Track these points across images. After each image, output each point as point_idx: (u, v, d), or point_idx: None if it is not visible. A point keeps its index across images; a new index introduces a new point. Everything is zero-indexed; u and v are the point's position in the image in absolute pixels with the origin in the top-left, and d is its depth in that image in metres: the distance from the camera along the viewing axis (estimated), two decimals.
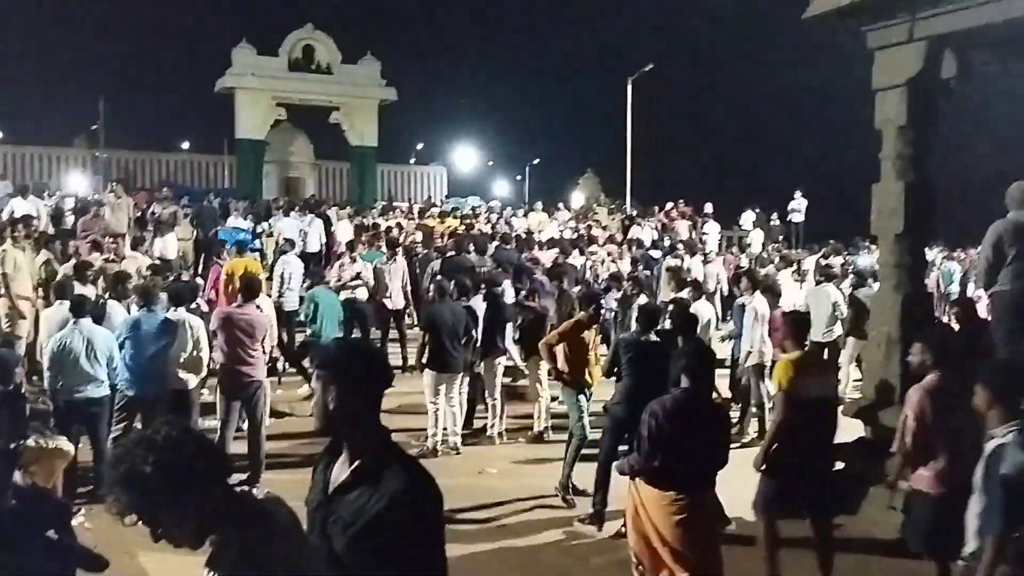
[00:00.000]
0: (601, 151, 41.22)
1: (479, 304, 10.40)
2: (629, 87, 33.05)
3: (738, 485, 6.10)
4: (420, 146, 53.23)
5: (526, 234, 19.48)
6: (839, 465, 6.95)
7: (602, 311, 8.92)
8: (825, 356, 13.41)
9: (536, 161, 57.27)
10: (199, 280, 13.57)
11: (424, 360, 9.61)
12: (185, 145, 44.92)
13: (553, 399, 10.26)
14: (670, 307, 9.63)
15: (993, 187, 7.73)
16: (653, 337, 7.63)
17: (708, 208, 24.22)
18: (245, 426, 8.56)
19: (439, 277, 11.52)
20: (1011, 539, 4.00)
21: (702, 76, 58.42)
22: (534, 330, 10.41)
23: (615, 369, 7.70)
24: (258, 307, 8.88)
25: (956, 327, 8.46)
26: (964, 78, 7.75)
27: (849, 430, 7.88)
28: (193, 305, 9.63)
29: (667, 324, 8.96)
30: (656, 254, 18.47)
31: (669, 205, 25.38)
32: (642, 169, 33.97)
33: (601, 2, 73.27)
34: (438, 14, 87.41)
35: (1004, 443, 4.21)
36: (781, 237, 24.35)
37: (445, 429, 9.55)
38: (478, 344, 10.14)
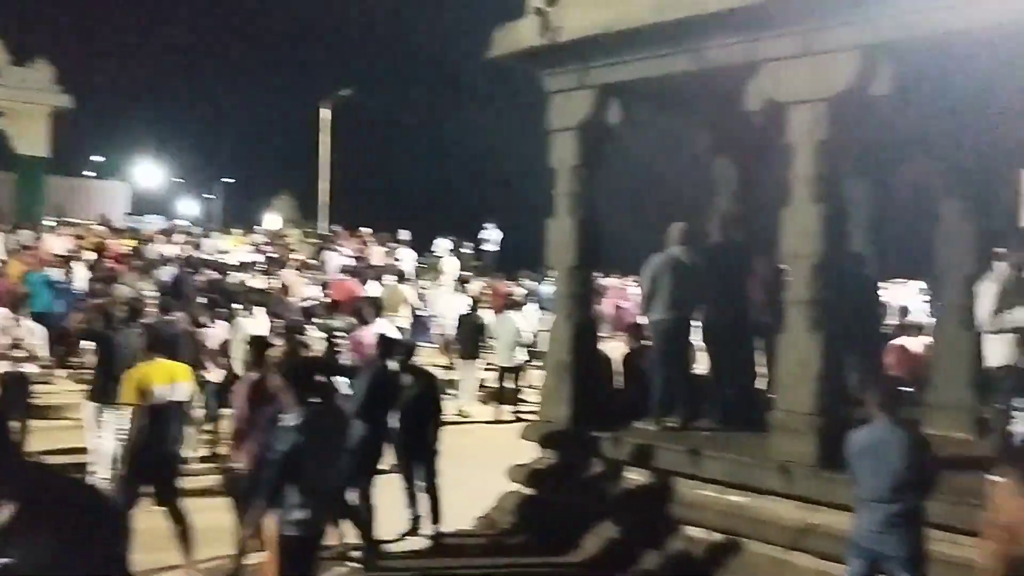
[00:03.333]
0: (299, 173, 40.43)
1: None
2: (322, 110, 32.93)
3: None
4: (101, 159, 49.38)
5: (219, 255, 18.68)
6: None
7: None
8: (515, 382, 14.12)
9: (231, 180, 55.03)
10: None
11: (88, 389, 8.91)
12: None
13: None
14: None
15: (656, 223, 8.50)
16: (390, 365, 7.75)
17: (403, 235, 24.50)
18: None
19: (98, 302, 10.73)
20: (271, 506, 5.04)
21: (403, 103, 59.34)
22: None
23: None
24: None
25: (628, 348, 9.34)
26: (629, 124, 8.44)
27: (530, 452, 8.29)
28: None
29: None
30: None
31: (365, 231, 25.39)
32: (341, 193, 33.82)
33: (300, 23, 72.21)
34: (124, 23, 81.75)
35: (286, 425, 5.12)
36: (474, 264, 25.21)
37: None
38: None
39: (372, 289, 15.88)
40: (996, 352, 6.51)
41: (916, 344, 10.48)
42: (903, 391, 9.11)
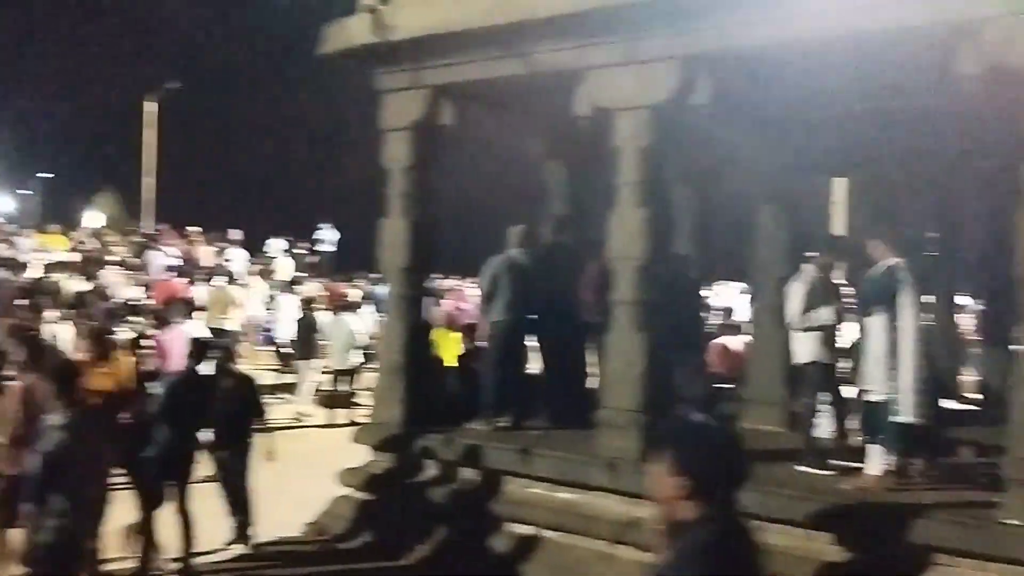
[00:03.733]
0: (124, 169, 38.40)
1: None
2: (147, 104, 31.58)
3: None
4: None
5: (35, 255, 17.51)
6: None
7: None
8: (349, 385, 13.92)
9: (49, 175, 51.55)
10: None
11: None
12: None
13: None
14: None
15: (496, 225, 8.56)
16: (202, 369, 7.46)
17: (234, 234, 23.70)
18: None
19: None
20: (44, 505, 4.90)
21: (235, 98, 57.34)
22: None
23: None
24: None
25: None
26: (463, 125, 8.44)
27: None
28: None
29: None
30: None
31: (193, 230, 24.40)
32: (169, 191, 32.41)
33: (126, 9, 68.65)
34: None
35: (52, 424, 5.12)
36: (309, 265, 24.64)
37: None
38: None
39: (199, 291, 15.31)
40: (804, 349, 6.90)
41: (736, 343, 11.01)
42: (723, 387, 9.60)
